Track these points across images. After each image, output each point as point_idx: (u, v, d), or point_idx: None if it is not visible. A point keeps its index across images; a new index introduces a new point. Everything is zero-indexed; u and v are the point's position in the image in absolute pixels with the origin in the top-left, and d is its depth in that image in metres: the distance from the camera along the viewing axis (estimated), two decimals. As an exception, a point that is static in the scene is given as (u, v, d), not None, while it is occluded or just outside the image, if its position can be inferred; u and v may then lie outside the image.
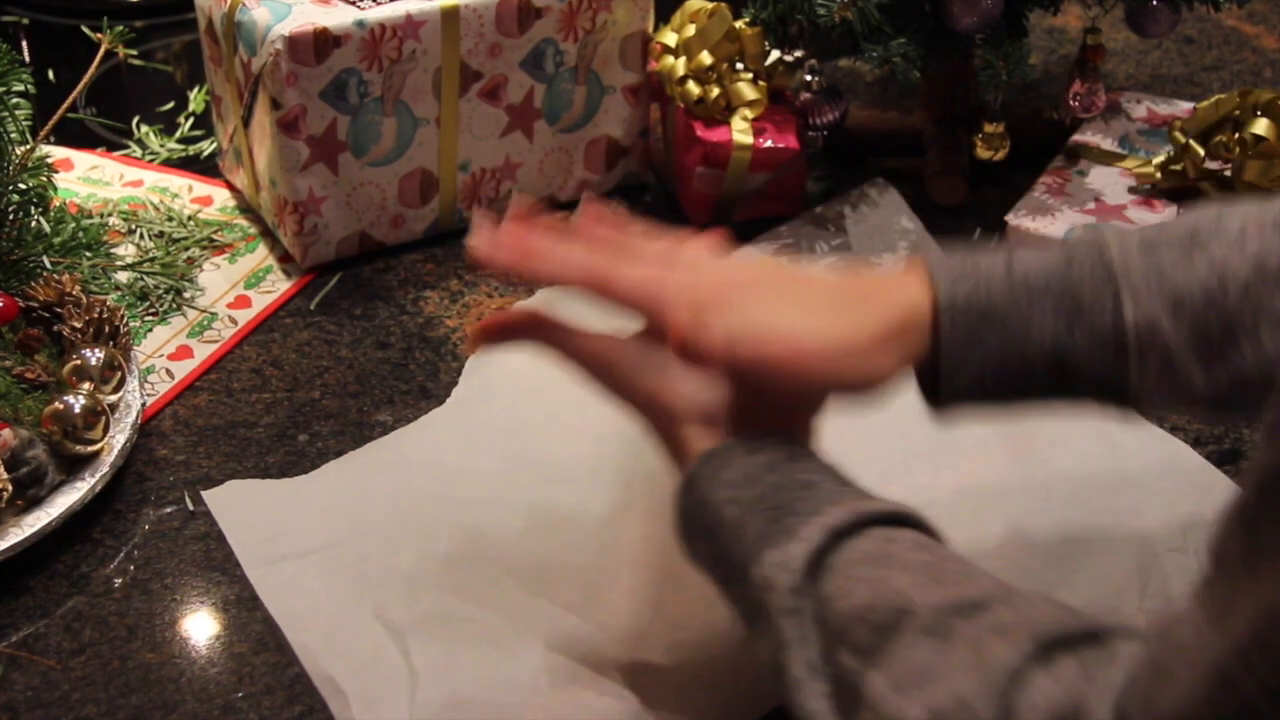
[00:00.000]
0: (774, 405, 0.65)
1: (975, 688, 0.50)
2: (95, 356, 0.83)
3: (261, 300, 0.99)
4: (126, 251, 1.02)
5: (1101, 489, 0.82)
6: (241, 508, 0.81)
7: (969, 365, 0.64)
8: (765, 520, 0.60)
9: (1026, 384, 0.65)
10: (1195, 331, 0.62)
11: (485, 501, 0.80)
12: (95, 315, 0.86)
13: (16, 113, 0.90)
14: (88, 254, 0.96)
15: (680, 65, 1.03)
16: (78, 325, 0.86)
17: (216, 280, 1.01)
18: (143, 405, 0.86)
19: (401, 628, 0.73)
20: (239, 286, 1.00)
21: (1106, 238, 0.65)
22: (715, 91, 1.02)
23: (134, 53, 1.20)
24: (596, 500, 0.81)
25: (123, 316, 0.88)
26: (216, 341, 0.95)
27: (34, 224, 0.92)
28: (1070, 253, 0.65)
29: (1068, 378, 0.64)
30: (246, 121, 1.00)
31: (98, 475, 0.80)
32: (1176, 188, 1.03)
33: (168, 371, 0.92)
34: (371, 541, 0.78)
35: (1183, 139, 1.00)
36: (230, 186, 1.10)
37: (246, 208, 1.08)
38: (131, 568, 0.78)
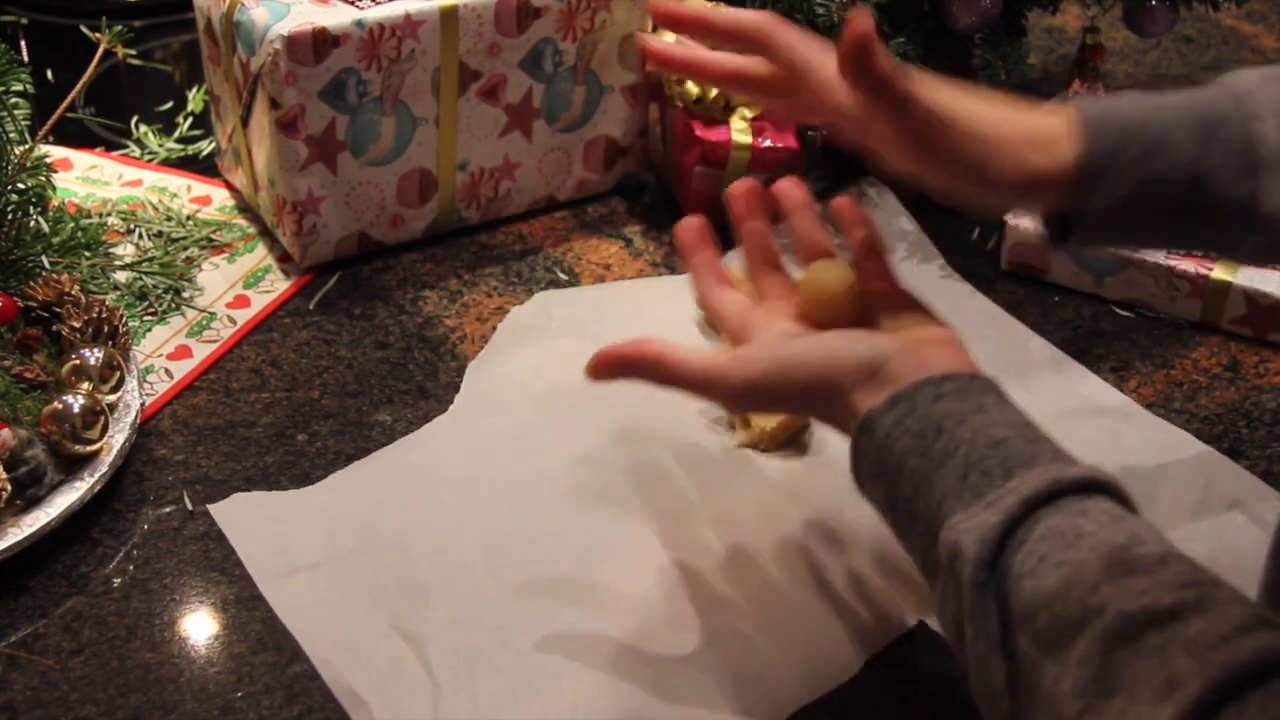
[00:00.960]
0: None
1: (1161, 714, 0.48)
2: (94, 356, 0.83)
3: (260, 300, 0.99)
4: (125, 251, 1.02)
5: None
6: (249, 521, 0.80)
7: (1109, 182, 0.67)
8: (954, 478, 0.59)
9: (1161, 205, 0.67)
10: None
11: (494, 509, 0.80)
12: (94, 315, 0.86)
13: (15, 112, 0.90)
14: (86, 254, 0.96)
15: (679, 65, 1.03)
16: (76, 325, 0.86)
17: (215, 280, 1.01)
18: (142, 405, 0.86)
19: (420, 638, 0.72)
20: (238, 286, 1.00)
21: (1228, 77, 0.70)
22: (714, 91, 1.02)
23: (133, 52, 1.20)
24: (606, 505, 0.81)
25: (122, 316, 0.88)
26: (215, 341, 0.95)
27: (33, 224, 0.92)
28: (1191, 90, 0.70)
29: (1202, 198, 0.67)
30: (245, 121, 1.00)
31: (97, 475, 0.80)
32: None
33: (167, 371, 0.92)
34: (384, 552, 0.78)
35: (1182, 138, 1.00)
36: (229, 186, 1.10)
37: (245, 207, 1.08)
38: (130, 567, 0.78)
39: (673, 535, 0.79)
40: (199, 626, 0.75)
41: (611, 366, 0.69)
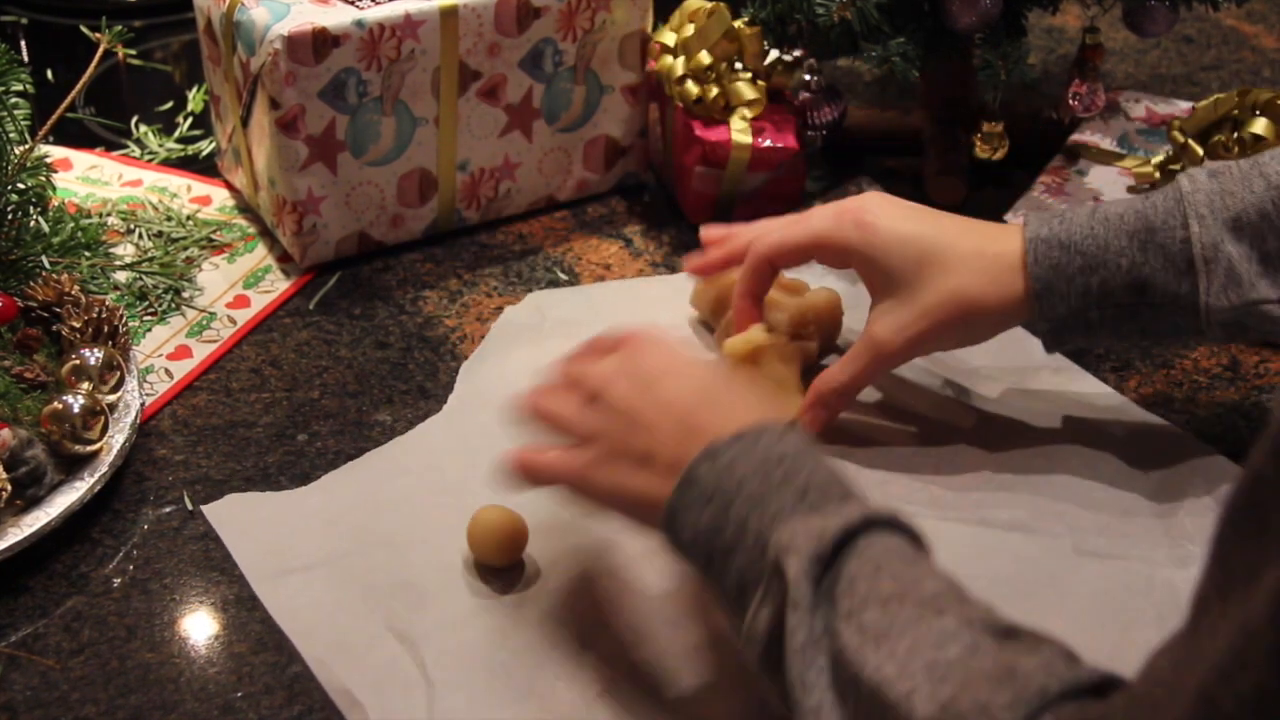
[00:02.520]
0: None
1: (998, 698, 0.50)
2: (94, 356, 0.83)
3: (260, 300, 0.99)
4: (125, 251, 1.02)
5: (1105, 482, 0.82)
6: (243, 522, 0.80)
7: (1057, 293, 0.77)
8: (793, 497, 0.61)
9: (1109, 312, 0.77)
10: (1255, 246, 0.74)
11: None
12: (94, 315, 0.86)
13: (15, 112, 0.90)
14: (86, 254, 0.96)
15: (679, 65, 1.03)
16: (76, 325, 0.86)
17: (215, 280, 1.01)
18: (141, 405, 0.86)
19: (414, 638, 0.72)
20: (238, 286, 1.00)
21: (1181, 175, 0.78)
22: (714, 91, 1.02)
23: (133, 52, 1.20)
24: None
25: (121, 316, 0.88)
26: (215, 341, 0.95)
27: (33, 224, 0.92)
28: (1149, 191, 0.79)
29: (1147, 297, 0.76)
30: (245, 121, 1.00)
31: (97, 475, 0.80)
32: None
33: (166, 371, 0.92)
34: (378, 552, 0.78)
35: (1182, 138, 1.00)
36: (229, 186, 1.10)
37: (245, 207, 1.08)
38: (130, 567, 0.78)
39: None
40: (199, 626, 0.75)
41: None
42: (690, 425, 0.65)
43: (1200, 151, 0.99)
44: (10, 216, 0.91)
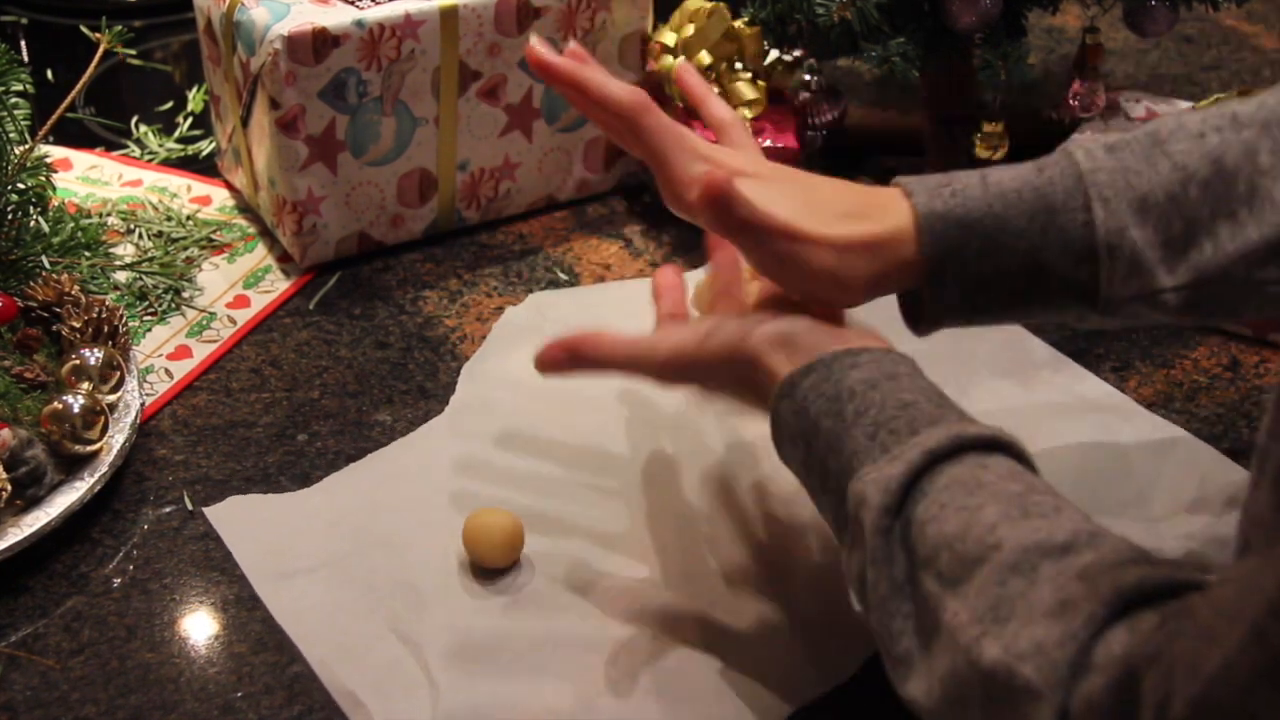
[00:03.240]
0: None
1: (1055, 634, 0.51)
2: (94, 356, 0.83)
3: (260, 300, 0.99)
4: (125, 251, 1.02)
5: (1106, 481, 0.82)
6: (245, 523, 0.80)
7: (950, 275, 0.69)
8: (864, 436, 0.62)
9: (1006, 291, 0.69)
10: (1160, 232, 0.67)
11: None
12: (94, 315, 0.86)
13: (15, 112, 0.90)
14: (86, 254, 0.96)
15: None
16: (76, 325, 0.86)
17: (215, 280, 1.01)
18: (141, 405, 0.86)
19: (417, 639, 0.72)
20: (238, 286, 1.00)
21: (1072, 146, 0.70)
22: (714, 91, 1.02)
23: (133, 52, 1.20)
24: (602, 505, 0.81)
25: (121, 316, 0.88)
26: (215, 341, 0.95)
27: (33, 224, 0.92)
28: (1041, 163, 0.70)
29: (1043, 282, 0.69)
30: (245, 121, 1.00)
31: (97, 475, 0.80)
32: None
33: (166, 371, 0.92)
34: (379, 554, 0.78)
35: (1182, 138, 1.00)
36: (229, 186, 1.10)
37: (245, 207, 1.08)
38: (130, 567, 0.78)
39: (670, 533, 0.79)
40: (199, 626, 0.75)
41: (556, 357, 0.72)
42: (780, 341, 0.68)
43: (1200, 151, 0.99)
44: (10, 216, 0.91)
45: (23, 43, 1.35)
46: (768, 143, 1.02)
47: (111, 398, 0.84)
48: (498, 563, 0.76)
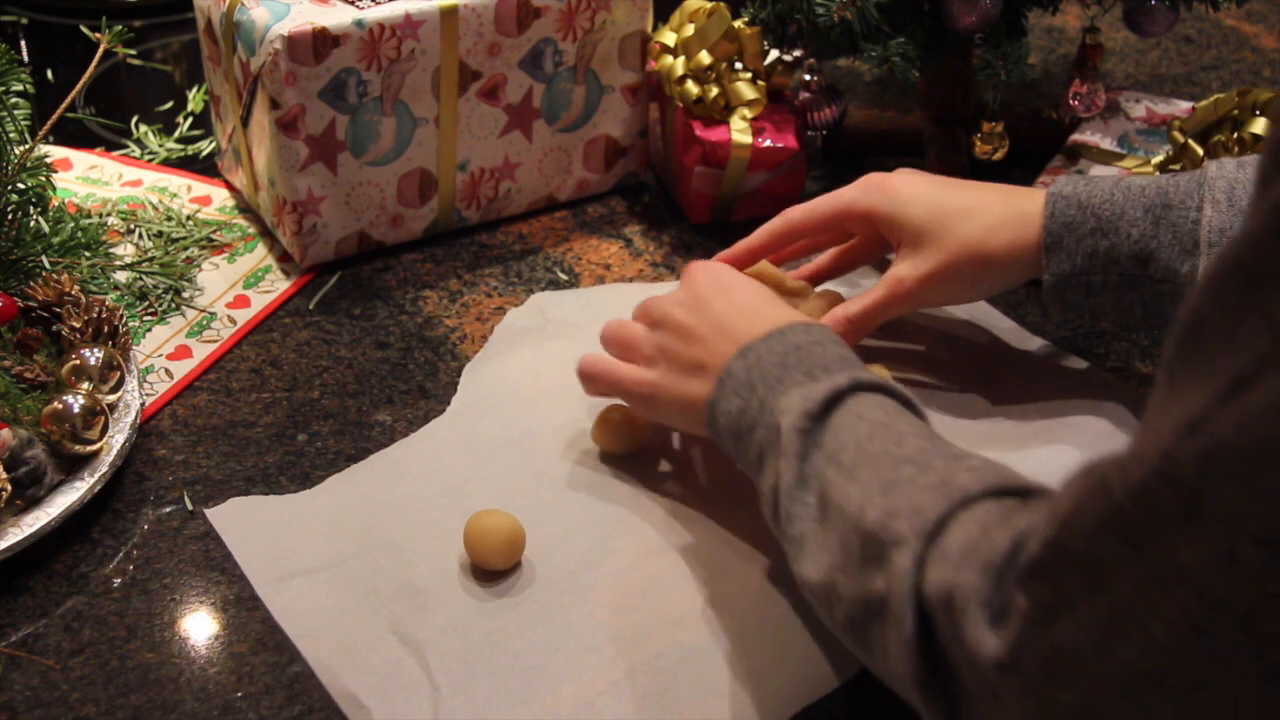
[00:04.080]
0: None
1: (930, 500, 0.58)
2: (94, 356, 0.83)
3: (260, 300, 0.99)
4: (125, 251, 1.02)
5: None
6: (246, 525, 0.80)
7: (1065, 248, 0.80)
8: (801, 374, 0.70)
9: (1112, 278, 0.79)
10: None
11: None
12: (94, 315, 0.86)
13: (15, 112, 0.90)
14: (87, 254, 0.96)
15: (679, 65, 1.03)
16: (77, 325, 0.86)
17: (215, 280, 1.01)
18: (142, 405, 0.86)
19: (419, 641, 0.72)
20: (238, 286, 1.00)
21: (1209, 161, 0.80)
22: (714, 91, 1.02)
23: (133, 52, 1.20)
24: (604, 507, 0.81)
25: (122, 316, 0.88)
26: (215, 341, 0.95)
27: (33, 224, 0.92)
28: (1178, 173, 0.80)
29: (1148, 273, 0.78)
30: (245, 121, 1.00)
31: (97, 475, 0.80)
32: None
33: (167, 371, 0.92)
34: (381, 556, 0.78)
35: (1182, 138, 1.00)
36: (229, 186, 1.10)
37: (245, 207, 1.08)
38: (130, 567, 0.78)
39: (672, 535, 0.79)
40: (199, 626, 0.75)
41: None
42: (733, 335, 0.74)
43: (1200, 151, 0.99)
44: (10, 216, 0.91)
45: (23, 43, 1.35)
46: (768, 143, 1.02)
47: (111, 398, 0.84)
48: (499, 565, 0.76)
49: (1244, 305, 0.42)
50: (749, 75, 1.03)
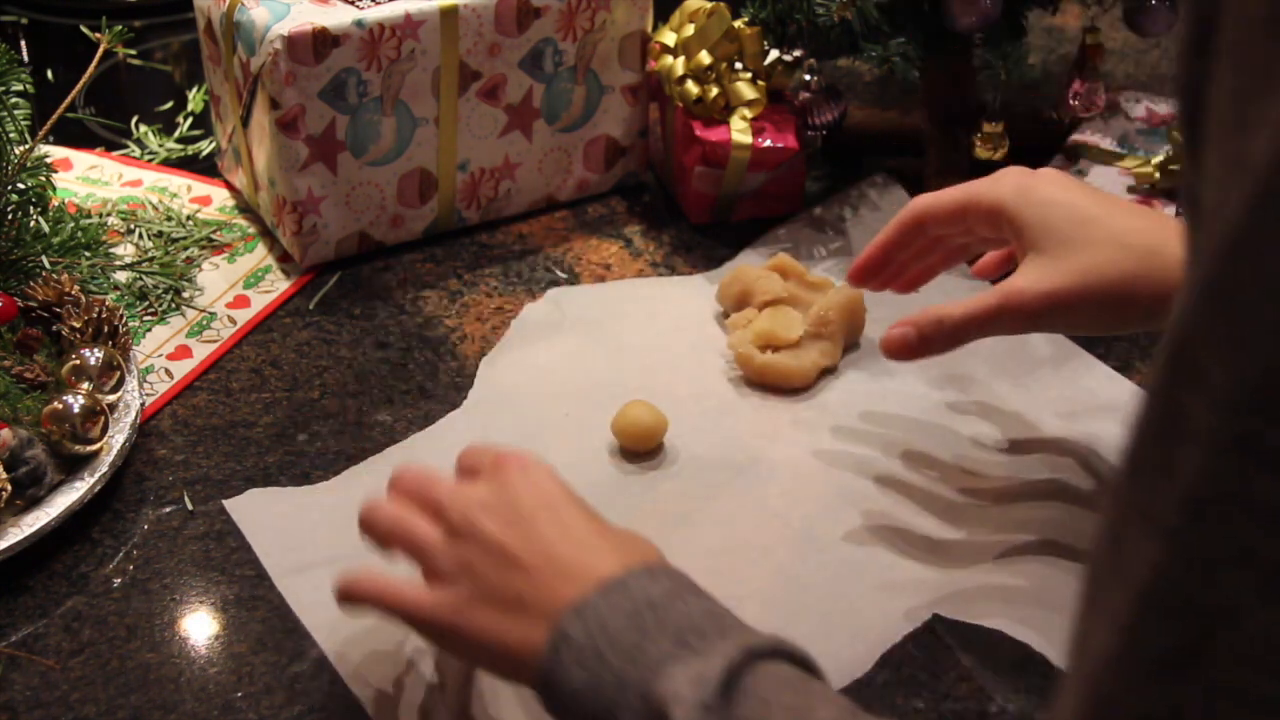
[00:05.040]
0: None
1: None
2: (94, 356, 0.83)
3: (260, 300, 0.99)
4: (125, 251, 1.02)
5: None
6: (264, 516, 0.80)
7: None
8: (670, 642, 0.57)
9: None
10: None
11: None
12: (94, 315, 0.86)
13: (15, 112, 0.90)
14: (86, 254, 0.96)
15: (679, 65, 1.03)
16: (76, 325, 0.86)
17: (215, 280, 1.00)
18: (142, 405, 0.86)
19: None
20: (238, 286, 1.00)
21: None
22: (714, 91, 1.02)
23: (133, 52, 1.20)
24: (619, 500, 0.81)
25: (122, 316, 0.88)
26: (215, 341, 0.95)
27: (33, 224, 0.92)
28: None
29: None
30: (245, 121, 1.00)
31: (97, 475, 0.80)
32: (1175, 187, 1.03)
33: (167, 371, 0.92)
34: None
35: (1181, 139, 1.00)
36: (229, 186, 1.10)
37: (245, 207, 1.08)
38: (131, 567, 0.78)
39: (686, 529, 0.79)
40: (199, 626, 0.75)
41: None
42: (565, 568, 0.61)
43: (1200, 151, 0.99)
44: (10, 216, 0.91)
45: (23, 43, 1.35)
46: (768, 143, 1.02)
47: (111, 398, 0.84)
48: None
49: None
50: (749, 75, 1.03)
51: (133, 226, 1.04)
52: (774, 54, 1.04)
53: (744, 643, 0.56)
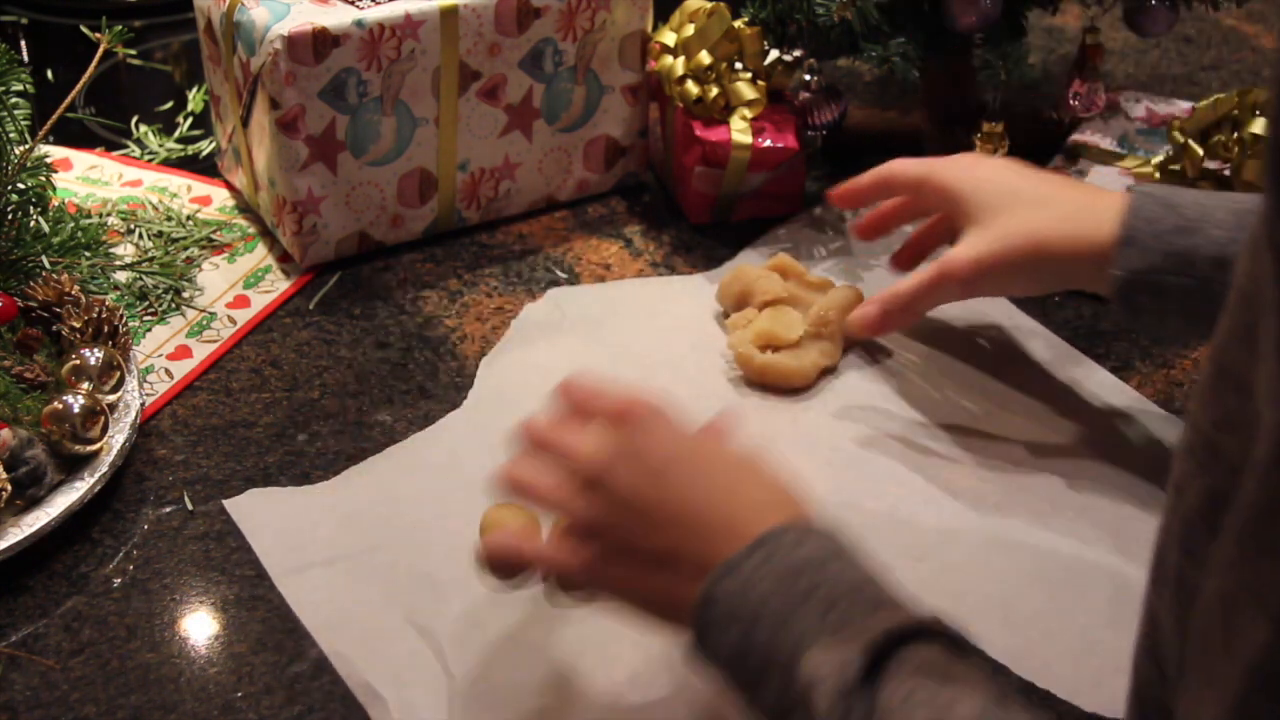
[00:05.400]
0: None
1: None
2: (94, 356, 0.83)
3: (260, 300, 0.99)
4: (125, 251, 1.02)
5: (1123, 479, 0.83)
6: (264, 516, 0.80)
7: (1142, 244, 0.75)
8: (817, 616, 0.56)
9: (1186, 281, 0.74)
10: None
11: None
12: (94, 315, 0.86)
13: (15, 112, 0.90)
14: (87, 254, 0.96)
15: (679, 65, 1.03)
16: (77, 325, 0.86)
17: (215, 280, 1.00)
18: (142, 405, 0.86)
19: (435, 632, 0.73)
20: (238, 286, 1.00)
21: None
22: (714, 91, 1.02)
23: (133, 52, 1.20)
24: None
25: (122, 316, 0.88)
26: (215, 341, 0.95)
27: (33, 224, 0.92)
28: None
29: (1223, 275, 0.69)
30: (245, 121, 1.00)
31: (97, 475, 0.80)
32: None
33: (167, 371, 0.92)
34: (398, 547, 0.78)
35: (1181, 138, 1.00)
36: (229, 186, 1.10)
37: (245, 207, 1.08)
38: (130, 567, 0.78)
39: None
40: (199, 626, 0.75)
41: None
42: (710, 523, 0.61)
43: (1200, 151, 0.99)
44: (10, 216, 0.91)
45: (23, 43, 1.35)
46: (768, 143, 1.02)
47: (111, 398, 0.83)
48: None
49: None
50: (749, 75, 1.03)
51: (133, 226, 1.04)
52: (774, 54, 1.04)
53: (890, 623, 0.55)
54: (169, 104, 1.22)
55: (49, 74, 1.25)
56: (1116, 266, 0.76)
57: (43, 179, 0.92)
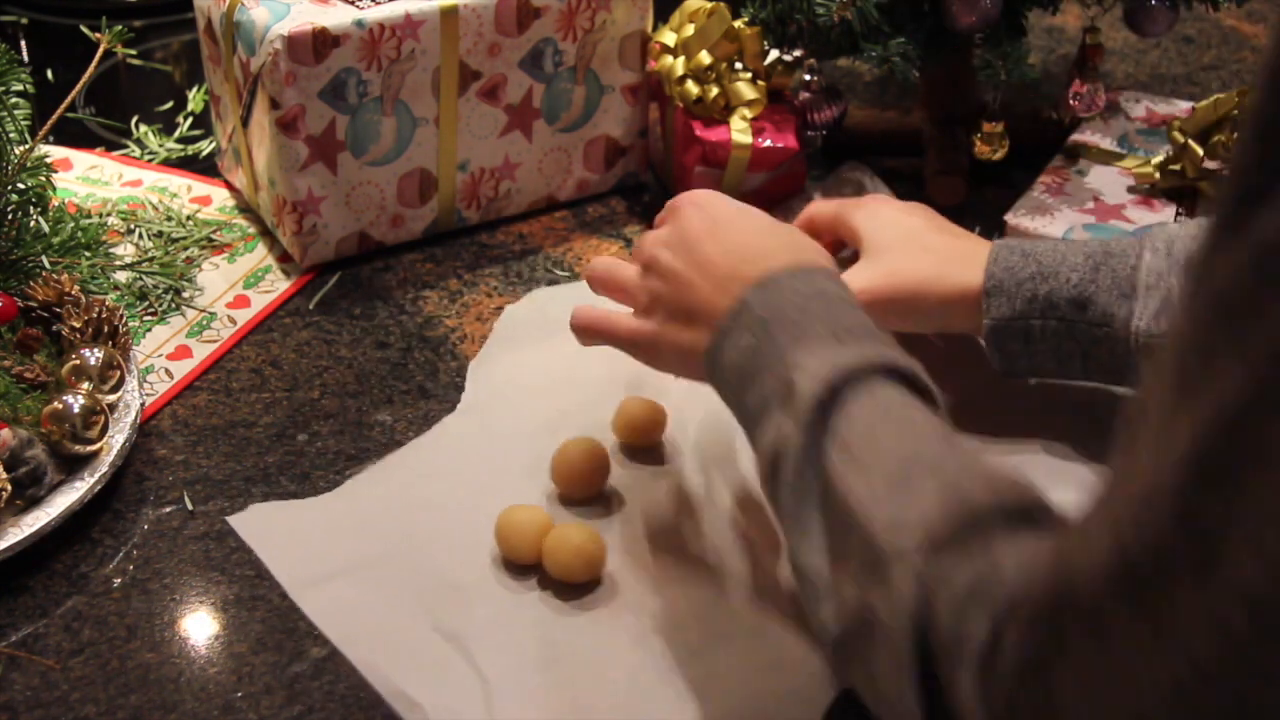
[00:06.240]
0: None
1: (939, 514, 0.54)
2: (94, 356, 0.83)
3: (260, 300, 0.99)
4: (125, 251, 1.02)
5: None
6: (271, 531, 0.80)
7: (1005, 292, 0.80)
8: (826, 329, 0.65)
9: (1050, 324, 0.80)
10: None
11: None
12: (94, 315, 0.86)
13: (15, 112, 0.90)
14: (87, 254, 0.96)
15: (679, 65, 1.03)
16: (77, 325, 0.86)
17: (215, 280, 1.00)
18: (142, 405, 0.86)
19: (463, 636, 0.73)
20: (238, 286, 1.00)
21: (1157, 228, 0.81)
22: (714, 91, 1.02)
23: (133, 52, 1.20)
24: (621, 494, 0.82)
25: (122, 316, 0.88)
26: (215, 341, 0.95)
27: (33, 224, 0.92)
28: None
29: (1086, 317, 0.79)
30: (245, 121, 1.00)
31: (97, 475, 0.80)
32: (1175, 187, 1.03)
33: (167, 371, 0.92)
34: (413, 554, 0.78)
35: (1181, 139, 1.00)
36: (229, 186, 1.10)
37: (245, 207, 1.08)
38: (130, 567, 0.78)
39: (689, 521, 0.80)
40: (199, 626, 0.75)
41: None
42: (724, 282, 0.70)
43: (1200, 151, 0.99)
44: (10, 216, 0.91)
45: (23, 43, 1.35)
46: (768, 143, 1.02)
47: (111, 398, 0.84)
48: (531, 558, 0.76)
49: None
50: (749, 75, 1.03)
51: (133, 226, 1.04)
52: (774, 54, 1.04)
53: (884, 355, 0.63)
54: (169, 104, 1.22)
55: (49, 74, 1.25)
56: (986, 315, 0.81)
57: (43, 179, 0.92)
